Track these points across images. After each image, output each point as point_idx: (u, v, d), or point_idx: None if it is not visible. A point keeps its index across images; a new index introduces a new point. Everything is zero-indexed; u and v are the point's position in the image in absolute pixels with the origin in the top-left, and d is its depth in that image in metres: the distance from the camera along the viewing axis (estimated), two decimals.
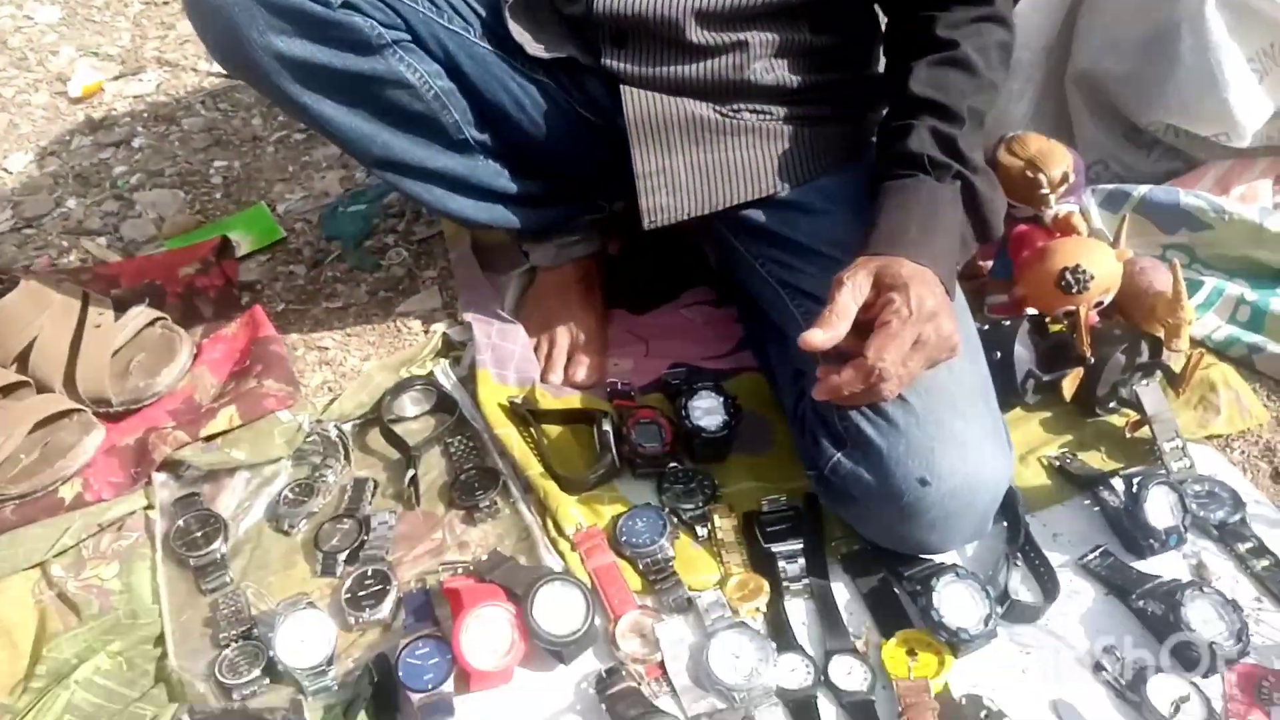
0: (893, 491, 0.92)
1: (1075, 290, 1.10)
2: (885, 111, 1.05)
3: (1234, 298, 1.25)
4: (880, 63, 1.12)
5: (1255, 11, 1.21)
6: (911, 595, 0.97)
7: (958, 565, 0.97)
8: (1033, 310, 1.17)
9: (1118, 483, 1.05)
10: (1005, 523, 1.03)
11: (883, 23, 1.10)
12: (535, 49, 1.09)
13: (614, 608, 0.98)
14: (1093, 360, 1.11)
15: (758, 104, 1.09)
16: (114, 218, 1.65)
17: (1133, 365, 1.12)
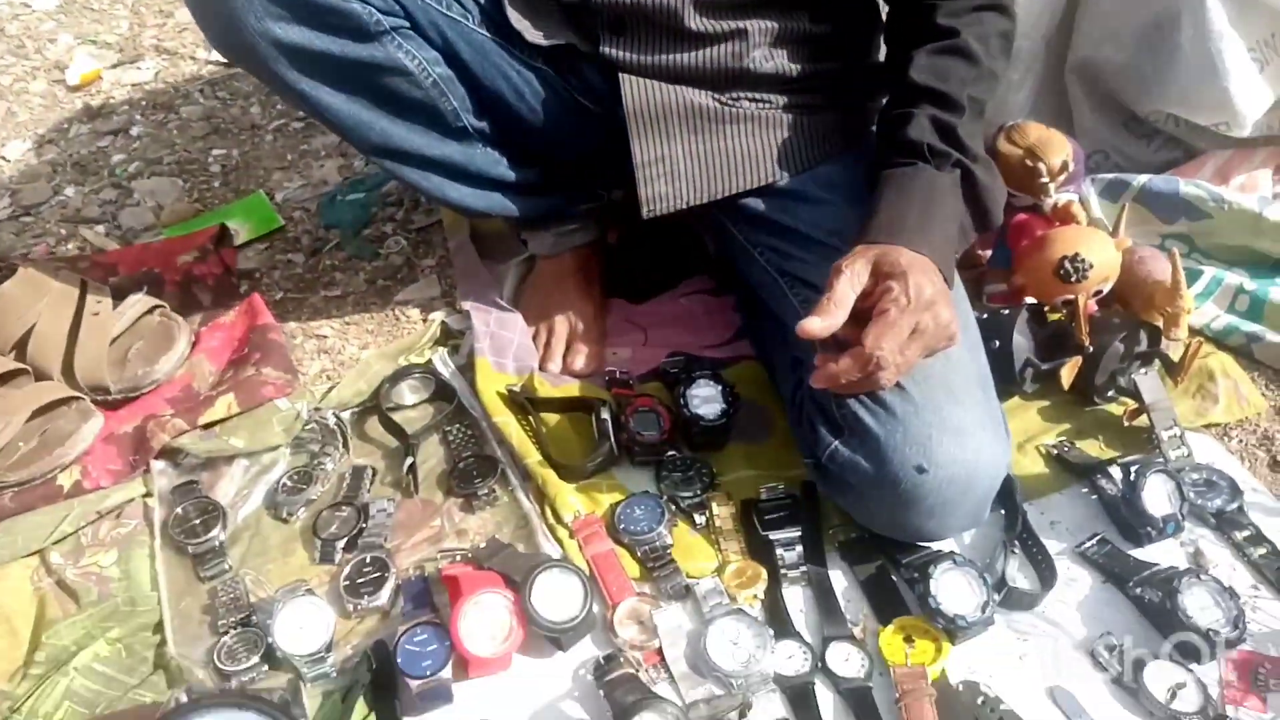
0: (890, 479, 0.92)
1: (1074, 279, 1.09)
2: (885, 100, 1.05)
3: (1233, 287, 1.25)
4: (880, 51, 1.12)
5: (1256, 2, 1.21)
6: (909, 582, 0.98)
7: (955, 553, 0.98)
8: (1031, 299, 1.17)
9: (1115, 471, 1.05)
10: (1003, 510, 1.03)
11: (883, 11, 1.10)
12: (534, 36, 1.08)
13: (612, 595, 0.98)
14: (1091, 349, 1.11)
15: (757, 92, 1.09)
16: (112, 206, 1.65)
17: (1131, 354, 1.12)
